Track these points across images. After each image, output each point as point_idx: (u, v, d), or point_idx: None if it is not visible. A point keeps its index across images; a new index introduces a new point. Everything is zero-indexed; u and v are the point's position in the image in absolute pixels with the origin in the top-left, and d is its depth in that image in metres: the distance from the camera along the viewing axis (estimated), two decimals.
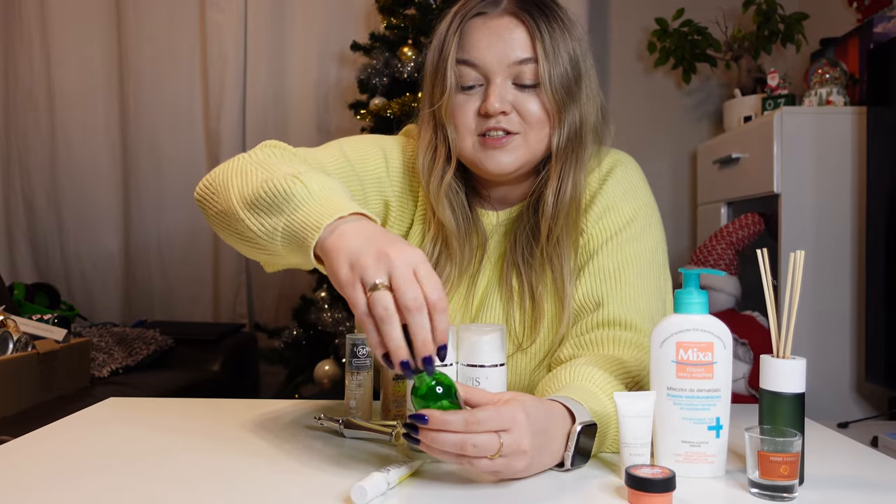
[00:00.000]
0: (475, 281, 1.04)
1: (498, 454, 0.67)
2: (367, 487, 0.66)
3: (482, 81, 0.96)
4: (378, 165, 1.04)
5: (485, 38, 0.95)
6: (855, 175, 2.08)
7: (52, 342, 1.91)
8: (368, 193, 1.02)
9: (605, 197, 1.01)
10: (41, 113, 3.14)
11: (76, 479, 0.75)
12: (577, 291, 0.98)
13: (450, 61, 0.96)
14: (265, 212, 0.78)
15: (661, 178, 2.98)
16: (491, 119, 0.95)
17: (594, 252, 0.99)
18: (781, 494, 0.68)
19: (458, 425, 0.66)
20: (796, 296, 0.74)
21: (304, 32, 3.00)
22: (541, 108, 0.95)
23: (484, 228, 1.05)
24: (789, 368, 0.73)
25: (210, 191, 0.88)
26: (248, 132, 3.04)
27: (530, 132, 0.96)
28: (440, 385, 0.70)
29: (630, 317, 0.94)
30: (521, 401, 0.70)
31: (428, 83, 1.01)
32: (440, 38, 0.99)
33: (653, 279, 0.99)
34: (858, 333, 2.07)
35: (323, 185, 0.78)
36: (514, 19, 0.96)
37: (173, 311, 3.14)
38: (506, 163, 0.96)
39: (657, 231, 1.03)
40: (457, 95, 0.97)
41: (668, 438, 0.76)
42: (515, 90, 0.96)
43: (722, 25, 2.75)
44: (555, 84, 0.94)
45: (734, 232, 2.27)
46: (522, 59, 0.94)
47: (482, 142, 0.96)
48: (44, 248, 3.19)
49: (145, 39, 3.08)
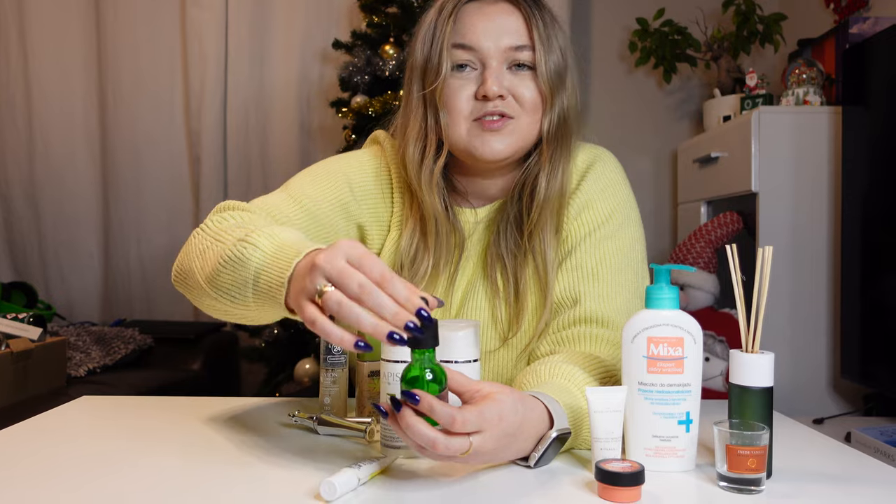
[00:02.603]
0: (454, 280, 1.03)
1: (466, 454, 0.67)
2: (337, 483, 0.66)
3: (477, 66, 0.97)
4: (341, 194, 1.03)
5: (481, 22, 0.96)
6: (831, 174, 2.10)
7: (27, 341, 1.89)
8: (336, 224, 1.02)
9: (583, 193, 1.02)
10: (18, 111, 3.10)
11: (39, 478, 0.74)
12: (556, 287, 0.99)
13: (445, 45, 0.96)
14: (232, 285, 0.79)
15: (642, 177, 2.99)
16: (489, 103, 0.95)
17: (572, 248, 1.00)
18: (749, 487, 0.69)
19: (442, 419, 0.65)
20: (765, 291, 0.75)
21: (285, 30, 2.98)
22: (535, 93, 0.96)
23: (461, 227, 1.05)
24: (757, 363, 0.73)
25: (182, 276, 0.90)
26: (229, 130, 3.02)
27: (524, 117, 0.97)
28: (431, 372, 0.68)
29: (607, 314, 0.95)
30: (500, 400, 0.70)
31: (418, 69, 1.00)
32: (432, 23, 0.99)
33: (630, 276, 0.99)
34: (834, 331, 2.10)
35: (272, 237, 0.77)
36: (510, 5, 0.97)
37: (153, 310, 3.11)
38: (499, 149, 0.96)
39: (635, 228, 1.04)
40: (451, 80, 0.97)
41: (638, 433, 0.76)
42: (510, 75, 0.96)
43: (702, 26, 2.77)
44: (550, 69, 0.96)
45: (713, 230, 2.29)
46: (519, 45, 0.96)
47: (479, 125, 0.96)
48: (21, 247, 3.15)
49: (125, 36, 3.05)
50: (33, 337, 1.93)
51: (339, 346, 0.95)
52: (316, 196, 1.01)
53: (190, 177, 3.08)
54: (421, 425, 0.65)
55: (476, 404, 0.69)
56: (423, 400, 0.65)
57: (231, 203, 0.95)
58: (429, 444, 0.66)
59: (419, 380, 0.68)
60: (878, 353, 1.83)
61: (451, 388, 0.71)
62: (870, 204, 1.89)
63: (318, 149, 2.99)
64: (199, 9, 2.96)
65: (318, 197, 1.01)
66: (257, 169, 3.03)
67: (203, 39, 2.97)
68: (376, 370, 0.94)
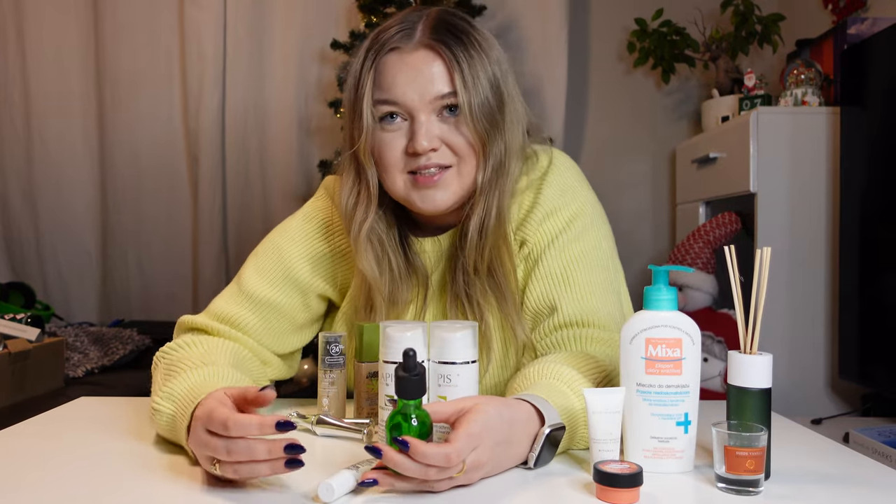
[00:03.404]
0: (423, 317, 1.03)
1: (461, 473, 0.67)
2: (335, 485, 0.66)
3: (406, 117, 0.93)
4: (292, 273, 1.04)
5: (402, 74, 0.92)
6: (829, 174, 2.10)
7: (25, 342, 1.89)
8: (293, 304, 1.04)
9: (543, 202, 1.00)
10: (17, 111, 3.10)
11: (36, 480, 0.74)
12: (529, 298, 0.98)
13: (365, 101, 0.93)
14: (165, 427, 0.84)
15: (640, 177, 2.99)
16: (421, 157, 0.92)
17: (539, 256, 0.99)
18: (747, 488, 0.69)
19: (438, 460, 0.65)
20: (763, 292, 0.75)
21: (284, 30, 2.98)
22: (466, 141, 0.93)
23: (423, 264, 1.03)
24: (756, 364, 0.73)
25: None
26: (227, 131, 3.02)
27: (462, 164, 0.94)
28: (416, 419, 0.69)
29: (586, 315, 0.95)
30: (482, 412, 0.70)
31: (347, 123, 0.98)
32: (355, 76, 0.95)
33: (602, 274, 0.99)
34: (832, 331, 2.10)
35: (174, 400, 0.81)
36: (431, 52, 0.92)
37: (152, 311, 3.11)
38: (440, 199, 0.94)
39: (600, 226, 1.03)
40: (381, 133, 0.94)
41: (637, 434, 0.76)
42: (440, 123, 0.93)
43: (700, 26, 2.77)
44: (476, 114, 0.91)
45: (711, 231, 2.29)
46: (444, 93, 0.91)
47: (413, 181, 0.94)
48: (19, 248, 3.15)
49: (123, 37, 3.05)
50: (31, 337, 1.92)
51: (339, 348, 0.95)
52: (264, 287, 1.03)
53: (188, 177, 3.08)
54: (408, 462, 0.65)
55: (460, 427, 0.68)
56: (414, 447, 0.65)
57: (186, 321, 1.02)
58: (422, 474, 0.66)
59: (402, 427, 0.69)
60: (876, 354, 1.83)
61: (437, 421, 0.71)
62: (868, 204, 1.89)
63: (316, 148, 2.99)
64: (198, 9, 2.96)
65: (267, 287, 1.03)
66: (255, 169, 3.03)
67: (201, 39, 2.97)
68: (375, 371, 0.94)
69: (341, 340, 0.97)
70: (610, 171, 2.93)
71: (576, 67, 2.95)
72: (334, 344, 0.96)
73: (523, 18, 2.88)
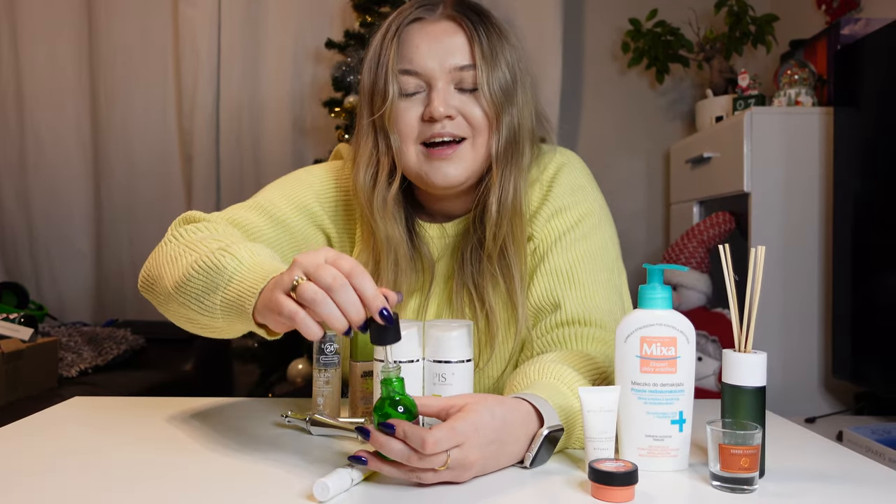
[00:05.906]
0: (426, 306, 1.03)
1: (444, 467, 0.68)
2: (330, 484, 0.66)
3: (424, 87, 0.95)
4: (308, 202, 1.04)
5: (424, 43, 0.94)
6: (823, 174, 2.11)
7: (18, 342, 1.88)
8: (306, 232, 1.03)
9: (553, 199, 1.01)
10: (10, 110, 3.08)
11: (30, 479, 0.74)
12: (532, 293, 0.98)
13: (390, 69, 0.95)
14: (201, 291, 0.80)
15: (634, 177, 2.99)
16: (436, 124, 0.93)
17: (545, 253, 0.99)
18: (742, 487, 0.69)
19: (414, 442, 0.66)
20: (757, 290, 0.75)
21: (278, 29, 2.97)
22: (483, 113, 0.95)
23: (429, 249, 1.04)
24: (750, 362, 0.74)
25: (149, 282, 0.90)
26: (221, 130, 3.01)
27: (477, 136, 0.95)
28: (402, 406, 0.70)
29: (589, 314, 0.95)
30: (473, 411, 0.70)
31: (366, 94, 0.99)
32: (377, 47, 0.98)
33: (606, 274, 1.00)
34: (826, 330, 2.11)
35: (252, 253, 0.80)
36: (453, 23, 0.95)
37: (146, 311, 3.07)
38: (453, 175, 0.95)
39: (606, 227, 1.04)
40: (398, 102, 0.95)
41: (632, 432, 0.76)
42: (458, 95, 0.95)
43: (694, 26, 2.78)
44: (493, 88, 0.94)
45: (705, 230, 2.30)
46: (463, 65, 0.94)
47: (427, 153, 0.95)
48: (13, 248, 3.13)
49: (117, 35, 3.03)
50: (24, 337, 1.91)
51: (333, 347, 0.95)
52: (284, 205, 1.02)
53: (182, 176, 3.07)
54: (393, 442, 0.67)
55: (448, 421, 0.69)
56: (398, 427, 0.66)
57: (195, 214, 0.96)
58: (404, 457, 0.67)
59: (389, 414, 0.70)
60: (870, 352, 1.84)
61: (426, 413, 0.72)
62: (861, 204, 1.90)
63: (311, 148, 2.98)
64: (192, 7, 2.95)
65: (286, 206, 1.02)
66: (250, 168, 3.02)
67: (195, 38, 2.96)
68: (369, 370, 0.94)
69: (336, 339, 0.96)
70: (604, 170, 2.92)
71: (570, 67, 2.95)
72: (329, 343, 0.96)
73: (518, 18, 2.88)
